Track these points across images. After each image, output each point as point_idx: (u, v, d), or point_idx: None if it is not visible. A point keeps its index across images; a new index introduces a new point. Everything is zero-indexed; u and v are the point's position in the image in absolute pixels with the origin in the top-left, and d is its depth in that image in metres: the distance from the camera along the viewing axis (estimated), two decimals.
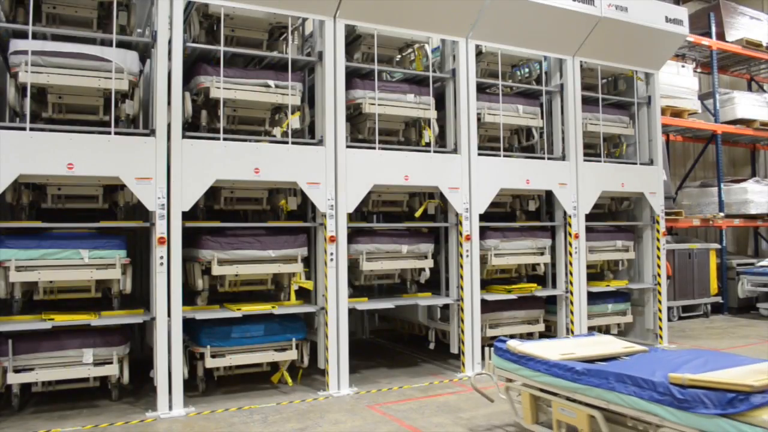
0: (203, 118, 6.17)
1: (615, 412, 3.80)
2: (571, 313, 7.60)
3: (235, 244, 5.95)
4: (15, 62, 5.25)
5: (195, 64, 6.20)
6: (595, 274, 8.50)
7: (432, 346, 7.31)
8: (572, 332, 7.56)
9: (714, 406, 3.20)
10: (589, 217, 7.82)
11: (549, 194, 7.79)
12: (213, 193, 6.23)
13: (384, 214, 7.95)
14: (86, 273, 5.42)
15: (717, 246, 11.57)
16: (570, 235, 7.62)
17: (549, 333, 7.95)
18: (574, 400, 4.03)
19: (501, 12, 6.87)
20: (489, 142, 7.60)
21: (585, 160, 7.82)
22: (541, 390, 4.30)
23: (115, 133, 5.36)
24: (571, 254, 7.60)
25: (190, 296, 6.02)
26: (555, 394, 4.18)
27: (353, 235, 6.48)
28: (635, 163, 8.41)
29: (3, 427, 5.02)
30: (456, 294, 6.85)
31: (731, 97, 12.31)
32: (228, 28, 6.23)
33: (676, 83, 11.33)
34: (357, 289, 7.06)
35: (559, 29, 7.36)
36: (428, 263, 6.94)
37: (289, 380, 6.23)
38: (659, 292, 8.35)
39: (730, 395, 3.13)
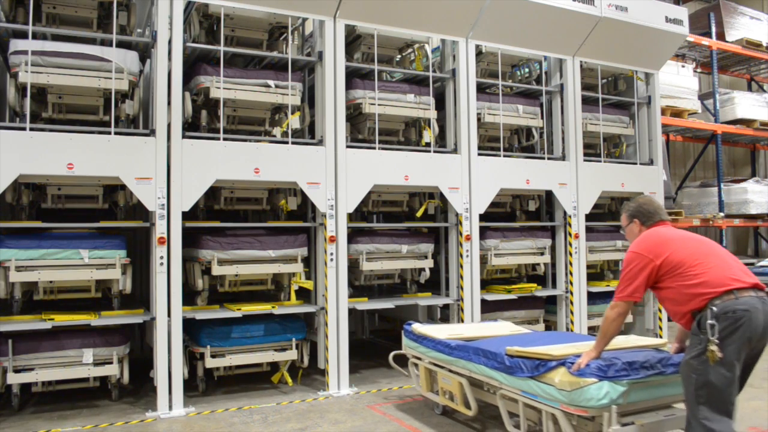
0: (203, 118, 6.17)
1: (475, 379, 4.59)
2: (571, 313, 7.60)
3: (235, 244, 5.95)
4: (15, 62, 5.25)
5: (195, 64, 6.20)
6: (595, 274, 8.49)
7: None
8: (572, 332, 7.56)
9: (527, 370, 3.98)
10: (589, 217, 7.82)
11: (549, 194, 7.79)
12: (213, 193, 6.23)
13: (384, 214, 7.95)
14: (86, 273, 5.41)
15: None
16: (570, 235, 7.62)
17: None
18: (451, 371, 4.82)
19: (501, 12, 6.87)
20: (489, 142, 7.60)
21: (585, 160, 7.82)
22: (432, 363, 5.10)
23: (115, 133, 5.36)
24: (571, 254, 7.60)
25: (190, 296, 6.02)
26: (440, 366, 4.98)
27: (353, 235, 6.49)
28: (635, 163, 8.42)
29: (3, 427, 5.02)
30: (456, 294, 6.85)
31: (731, 97, 12.31)
32: (228, 28, 6.23)
33: (676, 83, 11.33)
34: (357, 289, 7.07)
35: (559, 29, 7.36)
36: (428, 263, 6.94)
37: (290, 380, 6.24)
38: None
39: (537, 362, 3.92)
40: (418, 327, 5.41)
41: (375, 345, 8.59)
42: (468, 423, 5.04)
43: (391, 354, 5.84)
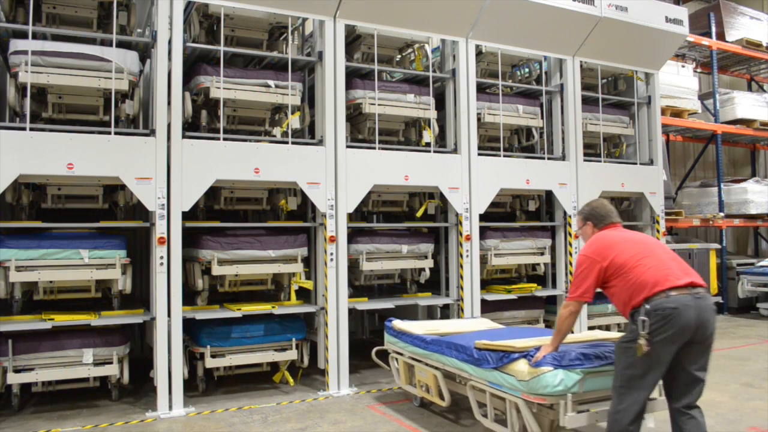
0: (203, 118, 6.17)
1: (448, 372, 4.82)
2: None
3: (235, 244, 5.95)
4: (15, 62, 5.25)
5: (195, 64, 6.20)
6: None
7: None
8: (572, 332, 7.54)
9: (492, 362, 4.22)
10: None
11: (549, 194, 7.79)
12: (213, 193, 6.23)
13: (384, 214, 7.95)
14: (86, 273, 5.41)
15: (717, 246, 11.57)
16: (570, 235, 7.62)
17: None
18: (427, 365, 5.06)
19: (501, 12, 6.87)
20: (489, 142, 7.61)
21: (585, 160, 7.82)
22: (411, 358, 5.32)
23: (115, 133, 5.36)
24: (571, 254, 7.60)
25: (190, 296, 6.03)
26: (417, 360, 5.22)
27: (353, 235, 6.48)
28: (635, 163, 8.42)
29: (3, 427, 5.02)
30: (456, 294, 6.85)
31: (731, 97, 12.30)
32: (228, 28, 6.23)
33: (676, 83, 11.33)
34: (357, 289, 7.07)
35: (559, 29, 7.36)
36: (428, 263, 6.94)
37: (290, 380, 6.24)
38: None
39: (501, 354, 4.16)
40: (398, 323, 5.62)
41: (375, 345, 8.55)
42: (469, 425, 5.04)
43: (374, 350, 6.00)
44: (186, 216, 5.55)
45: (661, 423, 4.23)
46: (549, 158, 7.64)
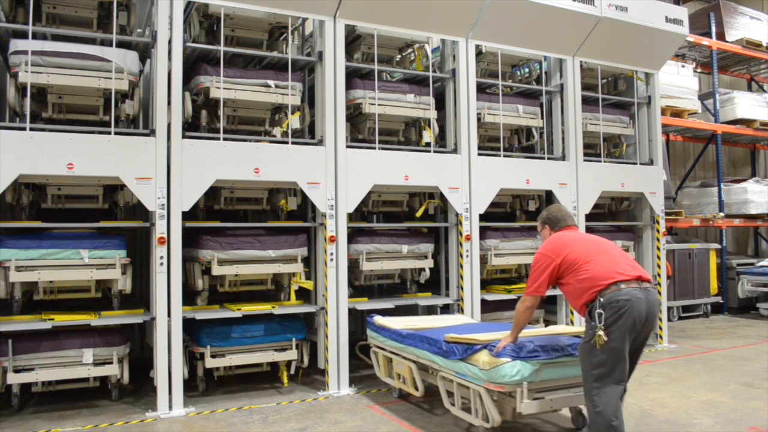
0: (203, 118, 6.17)
1: (422, 364, 5.13)
2: (571, 312, 7.60)
3: (235, 244, 5.95)
4: (15, 62, 5.25)
5: (195, 64, 6.20)
6: None
7: None
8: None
9: (458, 353, 4.52)
10: (589, 217, 7.82)
11: (549, 194, 7.79)
12: (213, 193, 6.23)
13: (384, 214, 7.95)
14: (86, 273, 5.41)
15: (717, 246, 11.57)
16: None
17: None
18: (403, 357, 5.37)
19: (501, 12, 6.87)
20: (489, 142, 7.60)
21: (585, 160, 7.82)
22: (390, 351, 5.61)
23: (115, 133, 5.36)
24: None
25: (190, 296, 6.03)
26: (395, 354, 5.51)
27: (353, 235, 6.48)
28: (635, 163, 8.41)
29: (3, 427, 5.02)
30: (456, 294, 6.85)
31: (731, 97, 12.31)
32: (228, 28, 6.23)
33: (676, 83, 11.33)
34: (357, 289, 7.07)
35: (559, 29, 7.36)
36: (428, 263, 6.94)
37: (285, 380, 6.23)
38: (659, 292, 8.35)
39: (466, 346, 4.46)
40: (378, 319, 5.87)
41: None
42: (468, 425, 5.05)
43: (358, 345, 6.20)
44: (186, 216, 5.55)
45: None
46: (549, 158, 7.64)
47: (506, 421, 4.40)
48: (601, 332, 3.64)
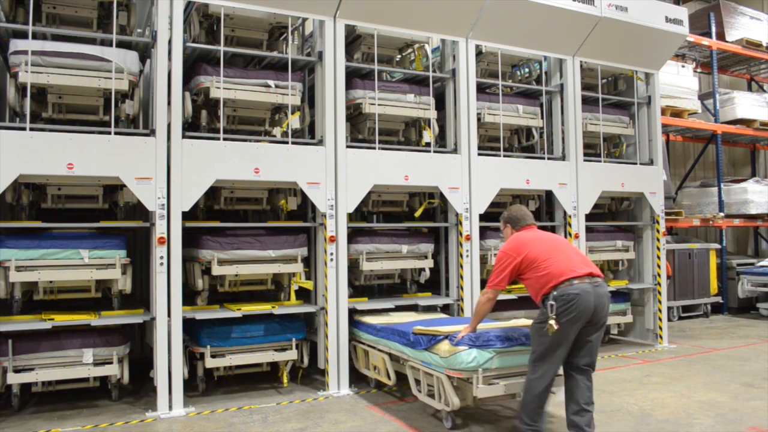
0: (203, 118, 6.17)
1: (394, 355, 5.53)
2: None
3: (235, 244, 5.95)
4: (15, 62, 5.24)
5: (195, 64, 6.20)
6: None
7: None
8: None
9: (423, 344, 4.94)
10: (589, 217, 7.82)
11: (549, 194, 7.79)
12: (213, 193, 6.23)
13: (384, 214, 7.95)
14: (86, 273, 5.41)
15: (717, 246, 11.57)
16: (570, 235, 7.61)
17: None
18: (378, 350, 5.76)
19: (501, 12, 6.87)
20: (489, 142, 7.60)
21: (585, 160, 7.82)
22: (368, 345, 5.98)
23: (115, 133, 5.36)
24: None
25: (190, 296, 6.03)
26: (371, 346, 5.90)
27: (353, 235, 6.48)
28: (635, 163, 8.41)
29: (3, 427, 5.02)
30: (456, 294, 6.85)
31: (731, 97, 12.31)
32: (228, 28, 6.23)
33: (676, 83, 11.34)
34: (357, 289, 7.07)
35: (559, 29, 7.36)
36: (428, 263, 6.94)
37: (285, 380, 6.23)
38: (659, 292, 8.35)
39: (430, 337, 4.89)
40: (361, 316, 6.22)
41: None
42: (466, 427, 5.05)
43: (351, 343, 6.34)
44: (186, 216, 5.55)
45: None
46: (549, 158, 7.64)
47: (468, 406, 4.82)
48: (552, 321, 4.10)
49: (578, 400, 4.27)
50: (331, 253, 6.10)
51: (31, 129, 5.11)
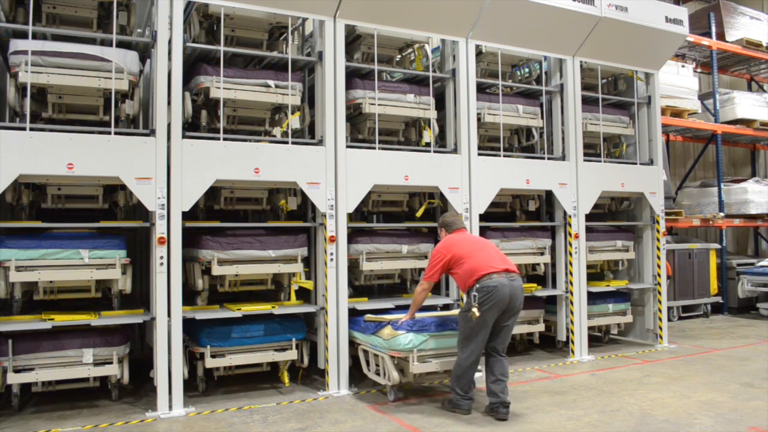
0: (203, 118, 6.17)
1: (353, 341, 6.22)
2: (571, 313, 7.60)
3: (235, 244, 5.95)
4: (15, 62, 5.24)
5: (195, 64, 6.20)
6: (595, 274, 8.50)
7: None
8: (572, 332, 7.57)
9: (371, 329, 5.82)
10: (589, 217, 7.82)
11: (549, 194, 7.79)
12: (213, 193, 6.23)
13: (384, 214, 7.95)
14: (86, 273, 5.41)
15: (717, 246, 11.57)
16: (570, 235, 7.61)
17: (549, 333, 7.96)
18: (350, 341, 6.24)
19: (501, 12, 6.87)
20: (489, 142, 7.60)
21: (585, 160, 7.82)
22: (352, 339, 6.36)
23: (115, 133, 5.36)
24: (571, 254, 7.59)
25: (190, 296, 6.03)
26: (353, 340, 6.31)
27: (353, 235, 6.48)
28: (635, 163, 8.41)
29: (3, 427, 5.02)
30: (456, 294, 6.85)
31: (731, 97, 12.31)
32: (228, 28, 6.23)
33: (676, 83, 11.34)
34: (357, 289, 7.06)
35: (559, 29, 7.36)
36: None
37: (286, 381, 6.23)
38: (659, 292, 8.35)
39: (376, 324, 5.78)
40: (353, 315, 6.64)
41: None
42: (468, 426, 5.05)
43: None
44: (186, 216, 5.55)
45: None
46: (549, 158, 7.64)
47: (409, 383, 5.79)
48: (474, 309, 4.97)
49: (494, 372, 5.16)
50: (331, 253, 6.10)
51: (31, 129, 5.11)
